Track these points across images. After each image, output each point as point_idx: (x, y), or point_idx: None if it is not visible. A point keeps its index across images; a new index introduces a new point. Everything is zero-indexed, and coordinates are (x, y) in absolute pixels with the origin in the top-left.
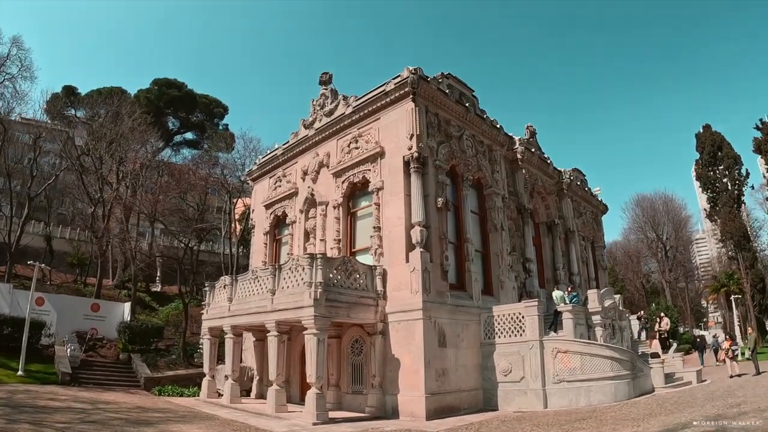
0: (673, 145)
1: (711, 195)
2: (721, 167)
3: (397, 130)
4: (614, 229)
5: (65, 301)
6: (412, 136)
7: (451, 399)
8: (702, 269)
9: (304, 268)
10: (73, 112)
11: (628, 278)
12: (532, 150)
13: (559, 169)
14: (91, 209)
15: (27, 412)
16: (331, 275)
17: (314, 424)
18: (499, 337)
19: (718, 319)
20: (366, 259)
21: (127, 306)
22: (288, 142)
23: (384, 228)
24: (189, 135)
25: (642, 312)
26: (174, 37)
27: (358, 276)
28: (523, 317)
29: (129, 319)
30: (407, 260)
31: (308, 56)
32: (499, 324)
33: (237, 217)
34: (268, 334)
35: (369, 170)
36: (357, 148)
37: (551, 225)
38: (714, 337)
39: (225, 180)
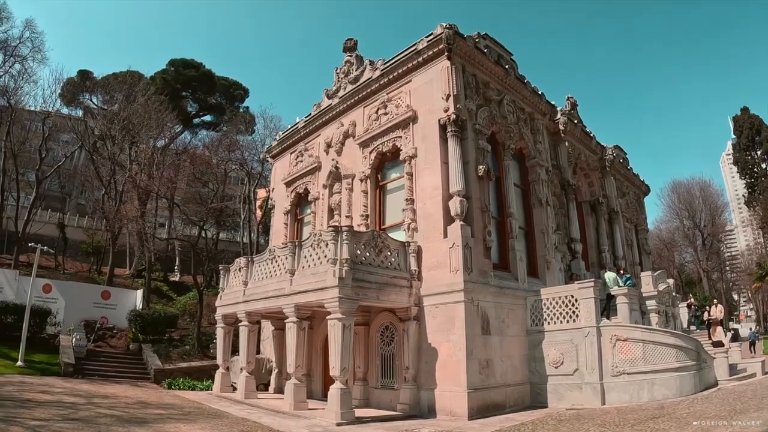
0: (699, 133)
1: (749, 181)
2: (760, 152)
3: (430, 92)
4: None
5: (74, 289)
6: (448, 96)
7: (496, 395)
8: (733, 260)
9: (327, 244)
10: (88, 96)
11: (663, 268)
12: (575, 122)
13: (602, 144)
14: (102, 191)
15: (6, 406)
16: (358, 252)
17: (338, 424)
18: (549, 323)
19: (748, 313)
20: (398, 236)
21: (140, 293)
22: (310, 114)
23: (418, 200)
24: (208, 118)
25: (692, 299)
26: (193, 22)
27: (389, 253)
28: (576, 300)
29: (141, 307)
30: (445, 235)
31: (330, 33)
32: (548, 308)
33: (259, 203)
34: (286, 321)
35: (399, 137)
36: (386, 113)
37: (595, 204)
38: (751, 329)
39: (244, 160)
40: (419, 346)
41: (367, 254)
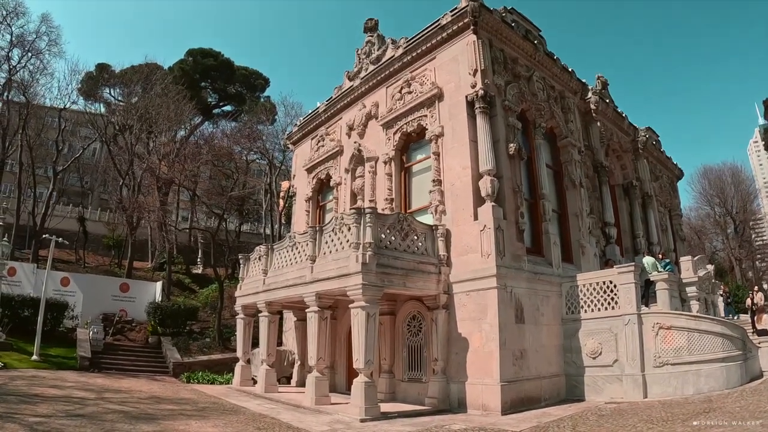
0: (726, 119)
1: None
2: None
3: (456, 68)
4: None
5: (92, 282)
6: (475, 71)
7: (530, 387)
8: (765, 249)
9: (349, 228)
10: (107, 90)
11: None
12: (607, 101)
13: (634, 125)
14: (120, 182)
15: (8, 401)
16: (383, 235)
17: (362, 420)
18: (585, 311)
19: None
20: (424, 220)
21: (159, 285)
22: (331, 98)
23: (445, 181)
24: (228, 108)
25: (723, 287)
26: (211, 13)
27: (415, 237)
28: (615, 286)
29: (160, 299)
30: (476, 217)
31: (351, 15)
32: (584, 295)
33: (282, 194)
34: (307, 311)
35: (425, 116)
36: (410, 92)
37: (628, 187)
38: None
39: (265, 149)
40: (449, 336)
41: (392, 238)
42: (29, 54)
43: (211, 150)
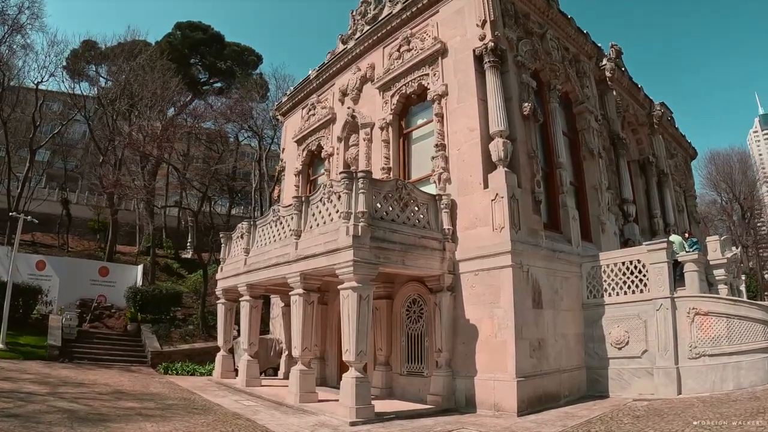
0: (724, 111)
1: None
2: None
3: (461, 22)
4: None
5: (70, 265)
6: (484, 23)
7: (549, 383)
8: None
9: (339, 196)
10: (93, 68)
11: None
12: (622, 70)
13: (650, 97)
14: (100, 159)
15: None
16: (378, 204)
17: (352, 423)
18: (610, 294)
19: None
20: (427, 190)
21: (140, 269)
22: (323, 63)
23: (450, 145)
24: (218, 85)
25: None
26: None
27: (416, 208)
28: (644, 266)
29: (141, 283)
30: (485, 185)
31: None
32: (608, 277)
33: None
34: (291, 294)
35: (426, 75)
36: (410, 50)
37: (644, 164)
38: None
39: (253, 120)
40: (454, 323)
41: (390, 208)
42: (7, 29)
43: (196, 123)
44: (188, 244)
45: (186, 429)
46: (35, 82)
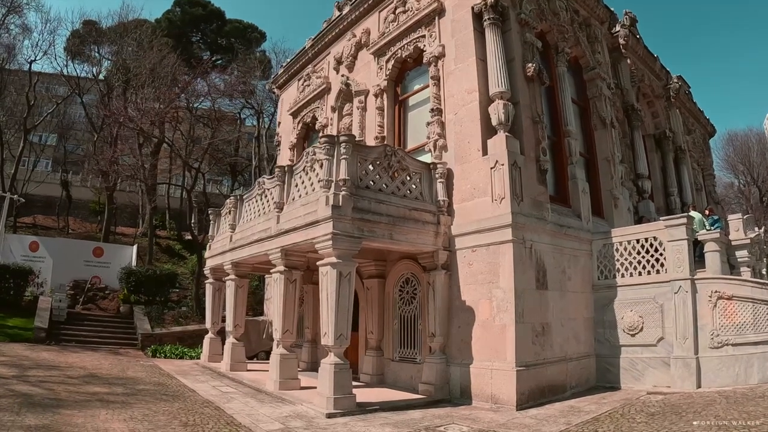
0: (741, 90)
1: None
2: None
3: None
4: None
5: (64, 246)
6: None
7: (554, 373)
8: None
9: (321, 164)
10: (95, 48)
11: None
12: (637, 37)
13: (666, 68)
14: (94, 138)
15: None
16: (364, 172)
17: (329, 415)
18: (623, 275)
19: None
20: (423, 159)
21: (134, 249)
22: (319, 31)
23: (447, 110)
24: (220, 62)
25: None
26: None
27: (408, 177)
28: (661, 244)
29: (135, 264)
30: (484, 152)
31: None
32: (621, 256)
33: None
34: (272, 271)
35: (423, 37)
36: (405, 11)
37: (660, 139)
38: None
39: (251, 94)
40: (449, 304)
41: (377, 177)
42: (6, 10)
43: (184, 90)
44: (192, 224)
45: (143, 418)
46: (29, 60)
